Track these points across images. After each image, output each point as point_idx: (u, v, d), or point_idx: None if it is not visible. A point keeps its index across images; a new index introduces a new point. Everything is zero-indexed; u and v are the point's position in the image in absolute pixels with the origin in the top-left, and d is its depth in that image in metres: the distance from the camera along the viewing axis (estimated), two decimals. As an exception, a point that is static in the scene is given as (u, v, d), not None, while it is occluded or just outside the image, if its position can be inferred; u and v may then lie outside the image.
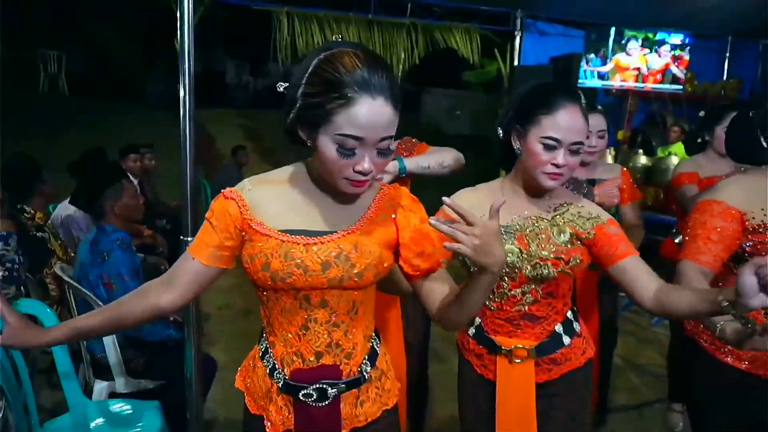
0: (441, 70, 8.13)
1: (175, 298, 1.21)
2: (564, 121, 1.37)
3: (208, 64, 11.44)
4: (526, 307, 1.49)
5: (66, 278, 2.41)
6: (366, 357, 1.24)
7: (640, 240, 2.51)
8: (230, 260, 1.21)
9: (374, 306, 1.30)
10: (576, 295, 2.26)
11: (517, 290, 1.48)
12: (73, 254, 3.07)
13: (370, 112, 1.02)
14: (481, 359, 1.56)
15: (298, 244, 1.13)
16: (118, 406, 2.18)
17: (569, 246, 1.45)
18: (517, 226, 1.47)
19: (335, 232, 1.16)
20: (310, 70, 1.05)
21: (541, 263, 1.43)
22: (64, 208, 3.42)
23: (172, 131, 2.06)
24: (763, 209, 1.53)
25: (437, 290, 1.21)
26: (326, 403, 1.19)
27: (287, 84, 1.12)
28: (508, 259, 1.42)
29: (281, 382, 1.20)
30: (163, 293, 1.21)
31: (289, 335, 1.19)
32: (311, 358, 1.19)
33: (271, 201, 1.17)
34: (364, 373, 1.23)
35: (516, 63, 5.50)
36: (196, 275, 1.19)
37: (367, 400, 1.25)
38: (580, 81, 5.32)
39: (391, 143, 1.08)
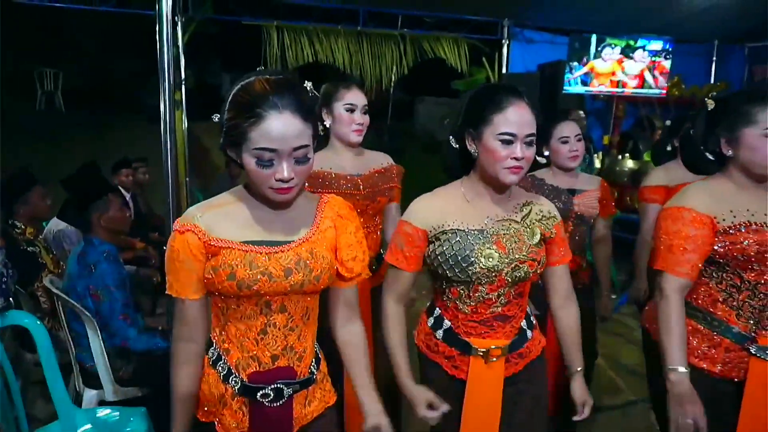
0: (430, 80, 8.21)
1: (203, 337, 1.32)
2: (515, 116, 1.43)
3: (201, 78, 11.51)
4: (500, 309, 1.54)
5: (54, 290, 2.46)
6: (313, 359, 1.35)
7: (610, 250, 2.66)
8: None
9: None
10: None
11: (494, 293, 1.52)
12: (64, 267, 3.13)
13: (279, 125, 1.12)
14: (452, 360, 1.58)
15: (261, 253, 1.22)
16: (105, 413, 2.22)
17: (539, 247, 1.52)
18: (494, 230, 1.51)
19: (292, 241, 1.26)
20: (229, 99, 1.18)
21: (520, 265, 1.49)
22: (56, 223, 3.49)
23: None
24: (731, 211, 1.56)
25: (340, 307, 1.41)
26: (281, 402, 1.28)
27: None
28: (489, 263, 1.47)
29: (238, 386, 1.28)
30: (194, 344, 1.30)
31: (246, 340, 1.27)
32: (267, 362, 1.28)
33: (224, 221, 1.25)
34: (313, 375, 1.34)
35: (504, 71, 5.57)
36: (202, 309, 1.29)
37: (314, 400, 1.36)
38: (564, 88, 5.40)
39: (309, 151, 1.18)
